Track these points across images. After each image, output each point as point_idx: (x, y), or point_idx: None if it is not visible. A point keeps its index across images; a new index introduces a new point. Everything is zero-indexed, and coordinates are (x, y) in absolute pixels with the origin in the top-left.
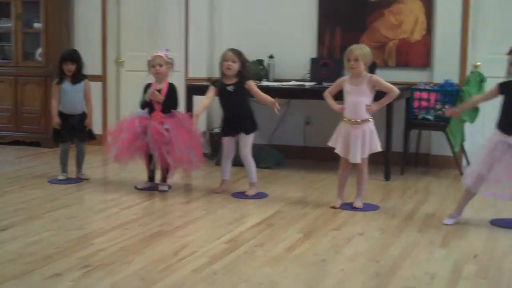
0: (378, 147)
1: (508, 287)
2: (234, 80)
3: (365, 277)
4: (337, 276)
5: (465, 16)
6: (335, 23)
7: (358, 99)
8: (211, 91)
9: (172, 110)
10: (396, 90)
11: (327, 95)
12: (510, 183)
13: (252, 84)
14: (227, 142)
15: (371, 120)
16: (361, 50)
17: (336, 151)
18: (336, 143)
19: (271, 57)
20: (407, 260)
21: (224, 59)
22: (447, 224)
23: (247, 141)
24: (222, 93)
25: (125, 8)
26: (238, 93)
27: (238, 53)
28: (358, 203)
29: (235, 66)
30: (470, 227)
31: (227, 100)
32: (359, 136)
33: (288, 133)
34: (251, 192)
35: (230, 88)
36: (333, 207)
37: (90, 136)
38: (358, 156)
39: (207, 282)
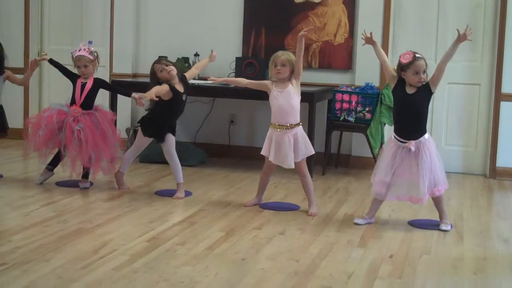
0: (312, 150)
1: (422, 287)
2: (182, 87)
3: (284, 276)
4: (256, 275)
5: (386, 21)
6: (260, 24)
7: (286, 103)
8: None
9: (96, 106)
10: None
11: (241, 79)
12: (407, 184)
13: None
14: (145, 141)
15: (301, 124)
16: (288, 56)
17: (270, 159)
18: (268, 152)
19: (196, 55)
20: (325, 260)
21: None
22: (357, 224)
23: (172, 141)
24: (177, 100)
25: (48, 0)
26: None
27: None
28: (313, 210)
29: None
30: (387, 227)
31: (180, 107)
32: (291, 140)
33: (212, 131)
34: (181, 194)
35: (184, 98)
36: (245, 205)
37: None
38: (292, 161)
39: (127, 280)
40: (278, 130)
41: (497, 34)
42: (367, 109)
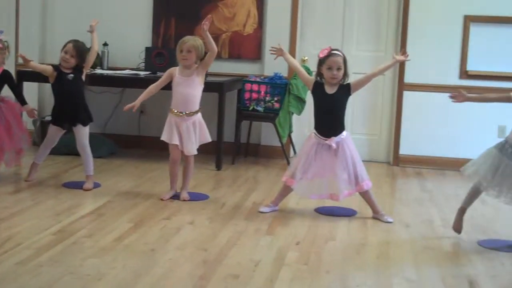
0: (208, 137)
1: (327, 272)
2: (71, 69)
3: (193, 265)
4: (165, 265)
5: (294, 12)
6: (170, 13)
7: (188, 90)
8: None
9: (2, 97)
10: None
11: (149, 90)
12: (327, 182)
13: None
14: (55, 132)
15: (199, 112)
16: (194, 42)
17: (173, 142)
18: (170, 137)
19: (105, 44)
20: (233, 248)
21: (64, 49)
22: (262, 212)
23: (85, 132)
24: (62, 82)
25: None
26: (77, 81)
27: (77, 47)
28: (185, 195)
29: (73, 61)
30: (295, 215)
31: (64, 87)
32: (190, 128)
33: (122, 122)
34: (90, 185)
35: (70, 77)
36: (162, 199)
37: None
38: (193, 148)
39: (31, 274)
40: (177, 116)
41: (401, 26)
42: (275, 98)
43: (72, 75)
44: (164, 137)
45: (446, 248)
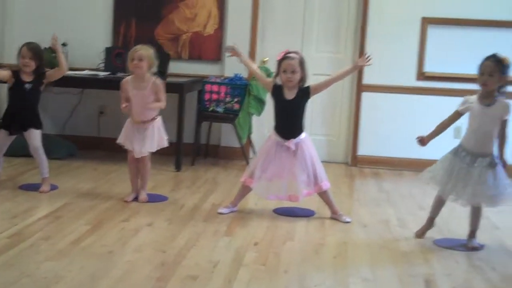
0: (165, 142)
1: (285, 272)
2: (32, 77)
3: (151, 267)
4: (123, 267)
5: (255, 13)
6: (130, 14)
7: (144, 102)
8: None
9: None
10: (163, 106)
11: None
12: (286, 183)
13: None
14: (3, 137)
15: (158, 117)
16: (146, 51)
17: (126, 147)
18: (124, 140)
19: (64, 44)
20: (192, 250)
21: (20, 55)
22: (221, 213)
23: (37, 135)
24: (19, 89)
25: None
26: (34, 91)
27: (32, 49)
28: (143, 197)
29: (33, 63)
30: (253, 216)
31: (19, 94)
32: (142, 130)
33: (81, 123)
34: (46, 188)
35: (27, 87)
36: (125, 201)
37: None
38: (142, 150)
39: None
40: (135, 123)
41: (359, 28)
42: (235, 100)
43: (30, 85)
44: (119, 140)
45: (402, 247)
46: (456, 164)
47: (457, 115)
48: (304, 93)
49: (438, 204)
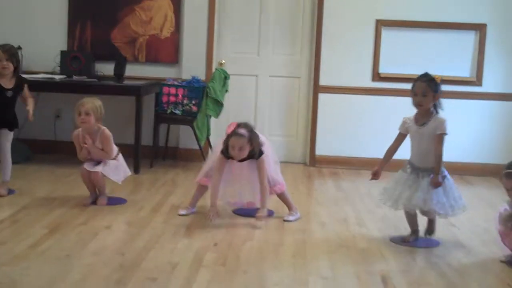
0: (120, 178)
1: (244, 272)
2: (12, 83)
3: (110, 270)
4: (81, 270)
5: (211, 16)
6: (86, 17)
7: (96, 151)
8: None
9: None
10: (111, 156)
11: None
12: (242, 190)
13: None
14: None
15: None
16: (92, 104)
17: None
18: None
19: (19, 48)
20: (151, 252)
21: None
22: (181, 215)
23: (10, 136)
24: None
25: None
26: (15, 96)
27: (5, 50)
28: (102, 201)
29: (11, 65)
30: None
31: (3, 103)
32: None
33: (37, 127)
34: (3, 192)
35: (9, 94)
36: (84, 205)
37: None
38: (96, 169)
39: None
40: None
41: (315, 30)
42: (193, 102)
43: (11, 92)
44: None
45: (360, 245)
46: (403, 176)
47: (400, 136)
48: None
49: (407, 216)
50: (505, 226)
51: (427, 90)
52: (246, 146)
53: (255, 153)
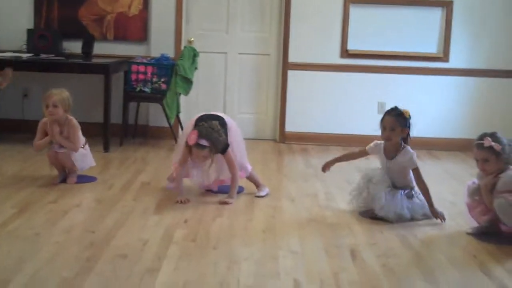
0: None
1: (214, 248)
2: None
3: (80, 248)
4: (51, 249)
5: None
6: None
7: (62, 141)
8: None
9: None
10: (77, 147)
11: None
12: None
13: None
14: None
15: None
16: (60, 96)
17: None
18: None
19: None
20: (121, 229)
21: None
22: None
23: None
24: None
25: None
26: None
27: None
28: (72, 179)
29: None
30: (186, 195)
31: None
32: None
33: (4, 106)
34: None
35: None
36: (53, 183)
37: None
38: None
39: None
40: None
41: (283, 7)
42: (162, 80)
43: None
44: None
45: (329, 219)
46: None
47: (364, 153)
48: None
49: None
50: (472, 199)
51: (395, 124)
52: (208, 156)
53: (221, 151)
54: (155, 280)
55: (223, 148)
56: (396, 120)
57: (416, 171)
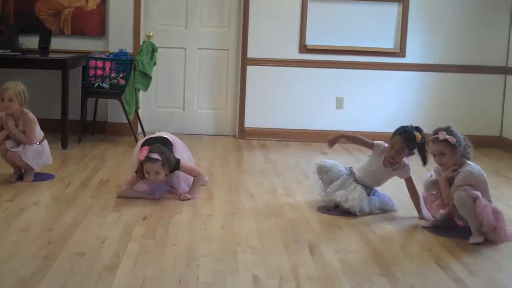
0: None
1: (173, 245)
2: None
3: (37, 246)
4: (8, 247)
5: None
6: None
7: (17, 134)
8: None
9: None
10: (32, 141)
11: None
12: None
13: None
14: None
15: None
16: (15, 89)
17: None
18: None
19: None
20: (80, 227)
21: None
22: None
23: None
24: None
25: None
26: None
27: None
28: (28, 177)
29: None
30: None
31: None
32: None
33: None
34: None
35: None
36: (10, 181)
37: None
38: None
39: None
40: None
41: (242, 2)
42: (121, 75)
43: None
44: None
45: (288, 215)
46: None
47: (371, 146)
48: None
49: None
50: (429, 193)
51: (403, 148)
52: (161, 170)
53: (173, 168)
54: (114, 277)
55: (175, 163)
56: (405, 144)
57: (409, 180)
